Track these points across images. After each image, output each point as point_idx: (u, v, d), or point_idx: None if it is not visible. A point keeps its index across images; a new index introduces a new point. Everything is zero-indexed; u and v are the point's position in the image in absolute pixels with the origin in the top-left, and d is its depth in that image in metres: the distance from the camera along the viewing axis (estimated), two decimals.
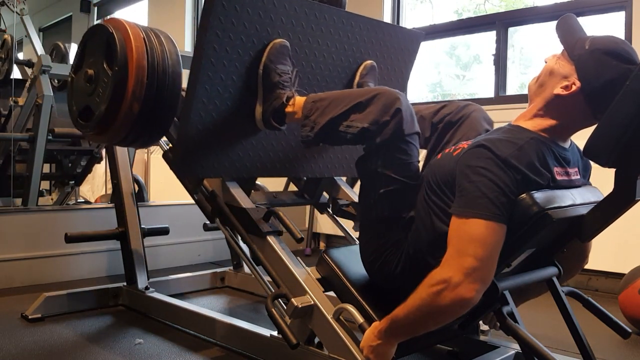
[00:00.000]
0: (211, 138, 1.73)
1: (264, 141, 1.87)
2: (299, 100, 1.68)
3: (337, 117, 1.54)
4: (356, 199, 2.09)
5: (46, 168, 4.09)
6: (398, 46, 2.11)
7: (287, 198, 2.22)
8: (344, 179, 2.28)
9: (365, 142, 1.50)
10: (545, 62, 1.36)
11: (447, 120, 1.70)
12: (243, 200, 1.78)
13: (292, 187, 2.32)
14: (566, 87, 1.28)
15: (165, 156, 1.87)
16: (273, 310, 1.53)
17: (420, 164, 1.54)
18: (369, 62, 2.01)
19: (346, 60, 1.96)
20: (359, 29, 1.95)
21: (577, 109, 1.29)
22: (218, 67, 1.65)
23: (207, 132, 1.71)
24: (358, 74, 2.00)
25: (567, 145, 1.34)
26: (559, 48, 1.34)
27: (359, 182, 1.60)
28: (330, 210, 2.25)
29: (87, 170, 3.88)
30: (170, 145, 1.93)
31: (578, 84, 1.27)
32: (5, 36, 3.62)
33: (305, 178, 2.21)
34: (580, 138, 1.32)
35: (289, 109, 1.69)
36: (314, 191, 2.21)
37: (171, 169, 1.84)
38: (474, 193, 1.19)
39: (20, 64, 3.74)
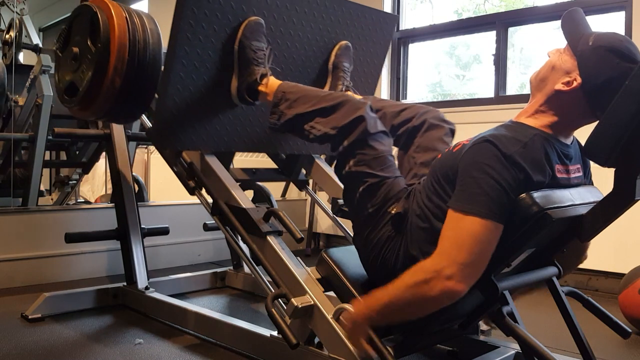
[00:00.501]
0: (188, 111, 1.80)
1: (241, 116, 1.94)
2: (272, 82, 1.76)
3: (302, 115, 1.62)
4: (335, 179, 2.13)
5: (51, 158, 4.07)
6: (373, 28, 2.18)
7: (266, 174, 2.32)
8: (323, 156, 2.31)
9: (330, 145, 1.57)
10: (548, 56, 1.35)
11: (410, 125, 1.74)
12: (243, 200, 1.78)
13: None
14: (567, 83, 1.28)
15: (147, 132, 1.92)
16: (273, 310, 1.53)
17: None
18: (344, 42, 2.09)
19: (321, 39, 2.03)
20: (333, 10, 2.01)
21: (577, 105, 1.29)
22: (194, 42, 1.72)
23: (184, 106, 1.78)
24: (333, 53, 2.08)
25: (569, 141, 1.34)
26: (561, 45, 1.34)
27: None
28: (309, 186, 2.35)
29: (96, 157, 3.82)
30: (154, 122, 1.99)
31: (579, 80, 1.26)
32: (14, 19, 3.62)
33: (284, 155, 2.25)
34: (581, 137, 1.32)
35: (261, 88, 1.78)
36: (292, 168, 2.26)
37: (150, 141, 1.89)
38: (475, 189, 1.20)
39: (27, 48, 3.74)
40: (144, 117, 2.26)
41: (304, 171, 2.32)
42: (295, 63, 2.01)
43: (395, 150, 1.62)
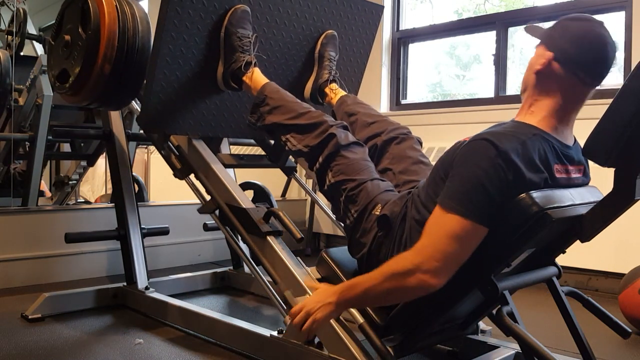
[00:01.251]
0: (175, 96, 1.85)
1: (228, 102, 1.98)
2: (257, 77, 1.83)
3: (280, 126, 1.71)
4: None
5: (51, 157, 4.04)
6: (359, 17, 2.22)
7: (254, 160, 2.36)
8: None
9: (307, 163, 1.65)
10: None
11: (379, 140, 1.79)
12: (243, 200, 1.78)
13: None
14: (542, 63, 1.31)
15: (137, 118, 1.97)
16: None
17: None
18: (330, 31, 2.14)
19: (307, 28, 2.07)
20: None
21: (561, 80, 1.30)
22: (181, 28, 1.76)
23: (171, 90, 1.83)
24: (319, 42, 2.14)
25: (570, 142, 1.34)
26: None
27: None
28: (296, 172, 2.40)
29: (101, 150, 3.79)
30: None
31: (550, 53, 1.30)
32: (19, 8, 3.62)
33: (271, 142, 2.27)
34: (581, 138, 1.32)
35: (246, 79, 1.85)
36: (279, 155, 2.29)
37: (139, 124, 1.95)
38: (459, 187, 1.20)
39: (31, 38, 3.73)
40: (134, 103, 2.31)
41: (292, 159, 2.34)
42: (281, 51, 2.04)
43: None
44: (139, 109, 2.25)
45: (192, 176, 1.96)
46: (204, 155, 1.89)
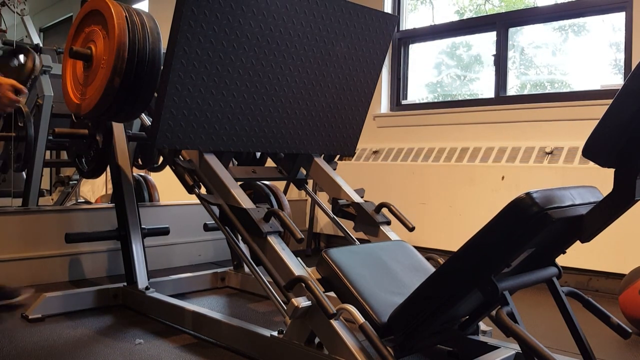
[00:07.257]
0: (187, 111, 1.83)
1: (240, 116, 1.97)
2: None
3: None
4: (335, 178, 2.14)
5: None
6: (373, 28, 2.21)
7: (266, 174, 2.33)
8: (322, 156, 2.32)
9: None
10: None
11: None
12: (243, 200, 1.78)
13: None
14: None
15: (146, 131, 1.94)
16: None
17: None
18: None
19: (321, 40, 2.05)
20: (333, 10, 2.04)
21: None
22: (194, 42, 1.75)
23: (183, 105, 1.82)
24: None
25: None
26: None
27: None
28: (307, 185, 2.38)
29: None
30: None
31: None
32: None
33: (282, 154, 2.27)
34: (581, 138, 1.32)
35: None
36: (291, 167, 2.28)
37: (149, 139, 1.91)
38: None
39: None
40: (143, 115, 2.28)
41: (303, 171, 2.33)
42: (294, 64, 2.02)
43: None
44: (148, 122, 2.24)
45: (202, 190, 1.95)
46: (216, 171, 1.87)
